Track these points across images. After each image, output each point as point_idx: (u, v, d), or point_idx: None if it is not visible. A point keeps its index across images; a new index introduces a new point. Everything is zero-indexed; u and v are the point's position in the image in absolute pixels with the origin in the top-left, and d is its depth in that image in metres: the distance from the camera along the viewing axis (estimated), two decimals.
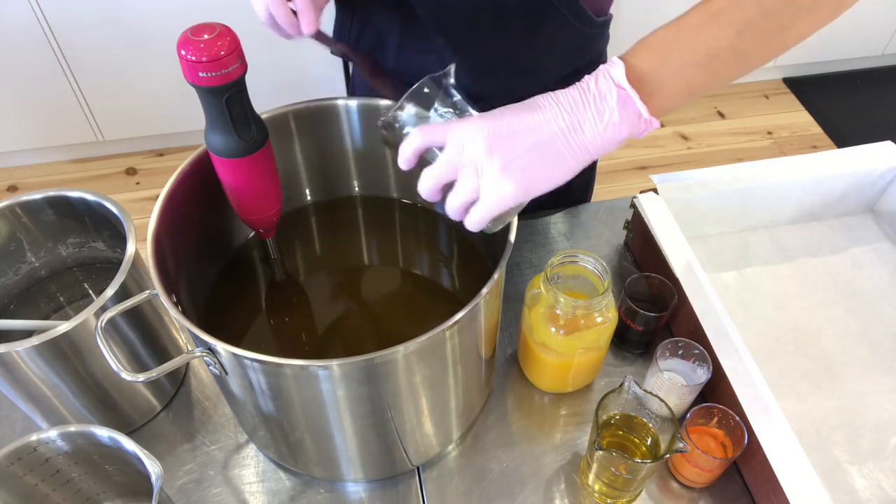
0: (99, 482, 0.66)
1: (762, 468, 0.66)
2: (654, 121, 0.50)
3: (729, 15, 0.49)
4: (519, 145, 0.50)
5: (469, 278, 0.78)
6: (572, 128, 0.50)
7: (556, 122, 0.50)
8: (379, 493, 0.71)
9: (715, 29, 0.49)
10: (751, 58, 0.51)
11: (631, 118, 0.50)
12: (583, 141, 0.50)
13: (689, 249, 0.80)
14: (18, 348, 0.61)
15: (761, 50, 0.51)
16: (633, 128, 0.50)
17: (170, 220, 0.65)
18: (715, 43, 0.49)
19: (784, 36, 0.50)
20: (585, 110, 0.50)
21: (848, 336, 0.84)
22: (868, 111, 2.54)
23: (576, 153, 0.50)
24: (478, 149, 0.50)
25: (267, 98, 0.89)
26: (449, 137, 0.52)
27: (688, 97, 0.51)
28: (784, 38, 0.51)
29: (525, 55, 0.79)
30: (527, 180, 0.50)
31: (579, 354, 0.71)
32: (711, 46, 0.49)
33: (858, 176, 0.92)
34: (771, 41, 0.50)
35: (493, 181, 0.50)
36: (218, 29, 0.57)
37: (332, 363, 0.53)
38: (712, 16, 0.49)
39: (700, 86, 0.51)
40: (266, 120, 0.69)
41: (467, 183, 0.52)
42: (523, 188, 0.50)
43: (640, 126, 0.51)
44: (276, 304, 0.77)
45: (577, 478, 0.72)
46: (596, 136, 0.50)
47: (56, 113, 2.14)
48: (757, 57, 0.51)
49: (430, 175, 0.54)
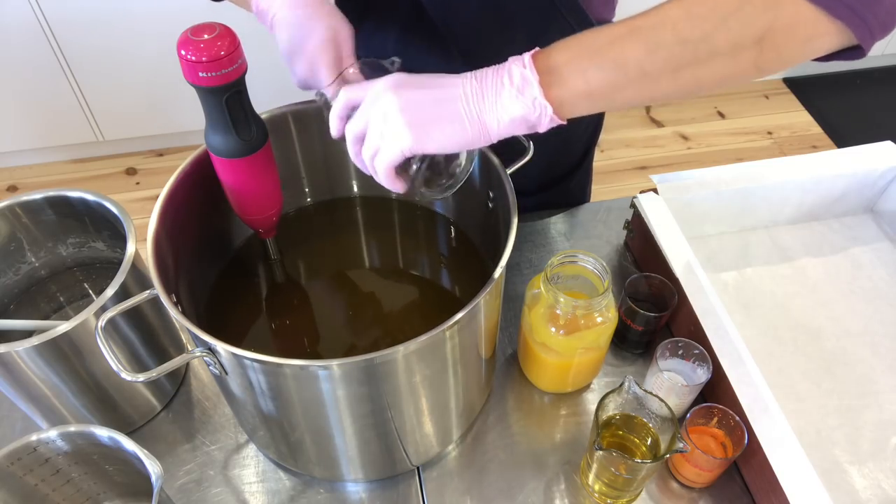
0: (99, 482, 0.66)
1: (762, 468, 0.66)
2: (548, 108, 0.51)
3: (645, 33, 0.50)
4: (422, 96, 0.53)
5: (469, 278, 0.78)
6: (474, 94, 0.52)
7: (463, 86, 0.53)
8: (379, 493, 0.71)
9: (628, 42, 0.50)
10: (657, 81, 0.51)
11: (526, 99, 0.51)
12: (480, 108, 0.52)
13: (689, 249, 0.80)
14: (18, 348, 0.61)
15: (669, 77, 0.51)
16: (526, 110, 0.51)
17: (170, 220, 0.65)
18: (624, 55, 0.50)
19: (696, 71, 0.50)
20: (490, 82, 0.52)
21: (848, 336, 0.84)
22: (868, 111, 2.54)
23: (472, 120, 0.53)
24: (385, 95, 0.53)
25: (267, 98, 0.89)
26: (367, 93, 0.55)
27: (587, 101, 0.52)
28: (696, 74, 0.51)
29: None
30: (420, 127, 0.52)
31: (579, 354, 0.71)
32: (620, 56, 0.50)
33: (858, 176, 0.92)
34: (681, 71, 0.50)
35: (389, 123, 0.53)
36: (218, 29, 0.57)
37: (332, 363, 0.53)
38: (631, 30, 0.51)
39: (601, 91, 0.51)
40: (266, 120, 0.69)
41: (373, 128, 0.54)
42: (415, 134, 0.52)
43: (534, 110, 0.51)
44: (276, 304, 0.77)
45: (577, 478, 0.72)
46: (492, 106, 0.52)
47: (56, 113, 2.13)
48: (664, 82, 0.51)
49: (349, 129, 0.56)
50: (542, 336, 0.71)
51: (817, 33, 0.49)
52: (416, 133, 0.52)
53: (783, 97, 2.59)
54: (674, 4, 0.49)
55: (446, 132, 0.53)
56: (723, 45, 0.49)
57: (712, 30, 0.48)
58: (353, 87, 0.57)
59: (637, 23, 0.50)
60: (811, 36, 0.49)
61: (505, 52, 0.51)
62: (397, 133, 0.52)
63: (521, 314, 0.75)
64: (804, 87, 2.60)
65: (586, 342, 0.70)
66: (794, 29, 0.48)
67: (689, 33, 0.49)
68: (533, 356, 0.75)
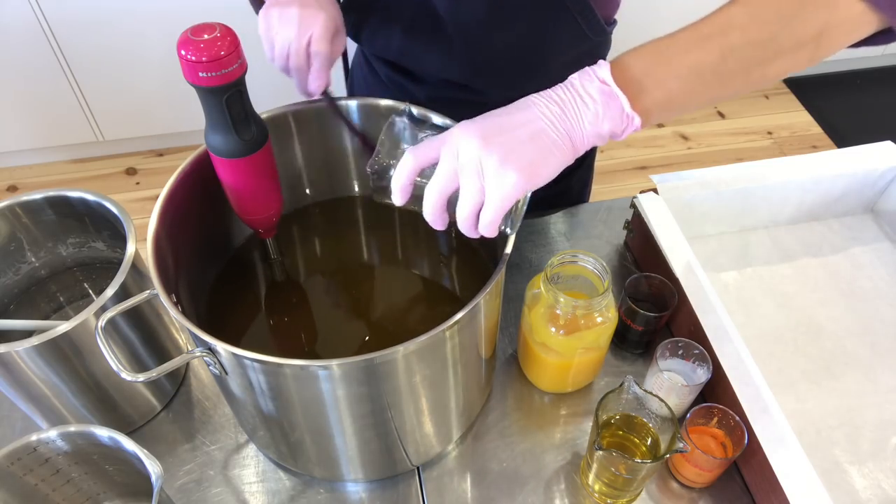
0: (99, 482, 0.66)
1: (762, 468, 0.66)
2: (635, 118, 0.52)
3: (716, 40, 0.52)
4: (513, 138, 0.51)
5: (469, 278, 0.78)
6: (557, 118, 0.52)
7: (545, 114, 0.52)
8: (379, 493, 0.71)
9: (702, 49, 0.52)
10: (731, 82, 0.54)
11: (613, 112, 0.51)
12: (567, 130, 0.52)
13: (689, 249, 0.80)
14: (18, 348, 0.61)
15: (741, 78, 0.54)
16: (614, 123, 0.52)
17: (170, 220, 0.65)
18: (699, 61, 0.52)
19: (764, 69, 0.54)
20: (569, 103, 0.52)
21: (848, 336, 0.84)
22: (868, 111, 2.54)
23: (565, 144, 0.52)
24: (473, 147, 0.50)
25: (267, 98, 0.89)
26: (442, 150, 0.52)
27: (667, 109, 0.53)
28: (764, 72, 0.54)
29: (532, 56, 0.80)
30: (528, 168, 0.51)
31: (579, 354, 0.71)
32: (696, 63, 0.52)
33: (858, 176, 0.92)
34: (751, 71, 0.53)
35: (495, 174, 0.50)
36: (218, 29, 0.57)
37: (332, 363, 0.53)
38: (702, 37, 0.53)
39: (679, 98, 0.53)
40: (266, 120, 0.69)
41: (471, 184, 0.51)
42: (526, 176, 0.51)
43: (622, 122, 0.52)
44: (276, 304, 0.77)
45: (577, 478, 0.72)
46: (577, 126, 0.52)
47: (56, 113, 2.13)
48: (737, 83, 0.54)
49: (433, 189, 0.53)
50: (542, 336, 0.71)
51: (862, 24, 0.54)
52: (527, 175, 0.50)
53: (783, 97, 2.59)
54: (737, 8, 0.52)
55: (550, 164, 0.52)
56: (787, 44, 0.53)
57: (778, 31, 0.52)
58: (422, 148, 0.54)
59: (705, 30, 0.53)
60: (857, 27, 0.54)
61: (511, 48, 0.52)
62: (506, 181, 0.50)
63: (521, 314, 0.75)
64: (804, 87, 2.60)
65: (586, 342, 0.70)
66: (845, 23, 0.53)
67: (756, 36, 0.52)
68: (533, 356, 0.75)
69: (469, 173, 0.51)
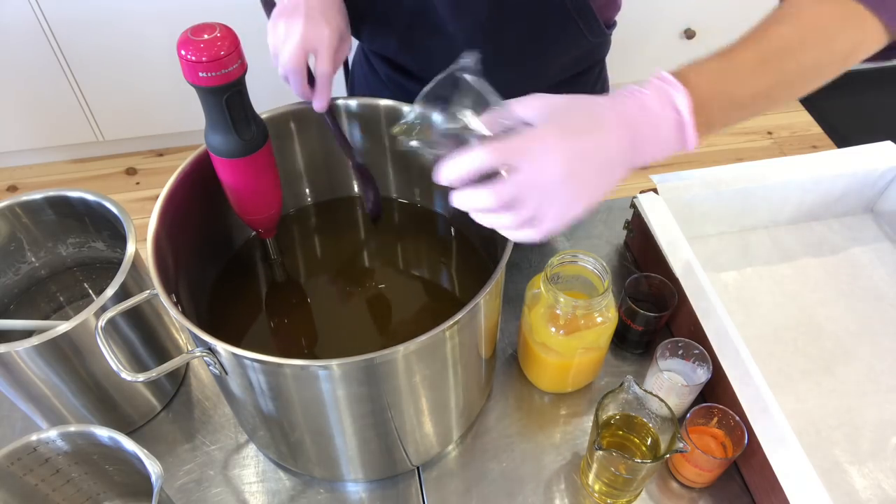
0: (99, 482, 0.66)
1: (762, 468, 0.66)
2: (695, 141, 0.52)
3: (774, 64, 0.54)
4: (590, 168, 0.50)
5: (469, 278, 0.78)
6: (633, 147, 0.51)
7: (621, 142, 0.50)
8: (379, 493, 0.71)
9: (761, 74, 0.54)
10: (777, 101, 0.56)
11: (677, 146, 0.52)
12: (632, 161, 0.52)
13: (689, 249, 0.80)
14: (18, 348, 0.61)
15: (787, 96, 0.56)
16: (678, 148, 0.53)
17: (170, 220, 0.65)
18: (758, 87, 0.54)
19: (806, 87, 0.57)
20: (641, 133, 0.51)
21: (848, 336, 0.84)
22: (868, 111, 2.53)
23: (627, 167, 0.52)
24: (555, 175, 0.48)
25: (267, 98, 0.89)
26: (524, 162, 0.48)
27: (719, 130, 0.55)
28: (805, 89, 0.57)
29: (531, 56, 0.80)
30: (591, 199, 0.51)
31: (579, 354, 0.71)
32: (754, 90, 0.54)
33: (858, 176, 0.92)
34: (794, 94, 0.56)
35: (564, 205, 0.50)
36: (218, 29, 0.57)
37: (332, 363, 0.53)
38: (762, 60, 0.54)
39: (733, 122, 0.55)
40: (266, 120, 0.69)
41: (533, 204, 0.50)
42: (587, 207, 0.52)
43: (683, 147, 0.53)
44: (276, 304, 0.77)
45: (577, 478, 0.72)
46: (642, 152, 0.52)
47: (56, 113, 2.13)
48: (782, 101, 0.56)
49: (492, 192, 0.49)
50: (542, 336, 0.71)
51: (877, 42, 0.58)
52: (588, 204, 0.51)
53: None
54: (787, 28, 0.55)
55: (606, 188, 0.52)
56: (827, 64, 0.56)
57: (824, 54, 0.56)
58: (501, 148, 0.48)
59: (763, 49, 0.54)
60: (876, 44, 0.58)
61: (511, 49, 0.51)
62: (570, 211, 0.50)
63: (521, 314, 0.75)
64: None
65: (586, 342, 0.70)
66: (868, 43, 0.57)
67: (806, 60, 0.55)
68: (533, 356, 0.75)
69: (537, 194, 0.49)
